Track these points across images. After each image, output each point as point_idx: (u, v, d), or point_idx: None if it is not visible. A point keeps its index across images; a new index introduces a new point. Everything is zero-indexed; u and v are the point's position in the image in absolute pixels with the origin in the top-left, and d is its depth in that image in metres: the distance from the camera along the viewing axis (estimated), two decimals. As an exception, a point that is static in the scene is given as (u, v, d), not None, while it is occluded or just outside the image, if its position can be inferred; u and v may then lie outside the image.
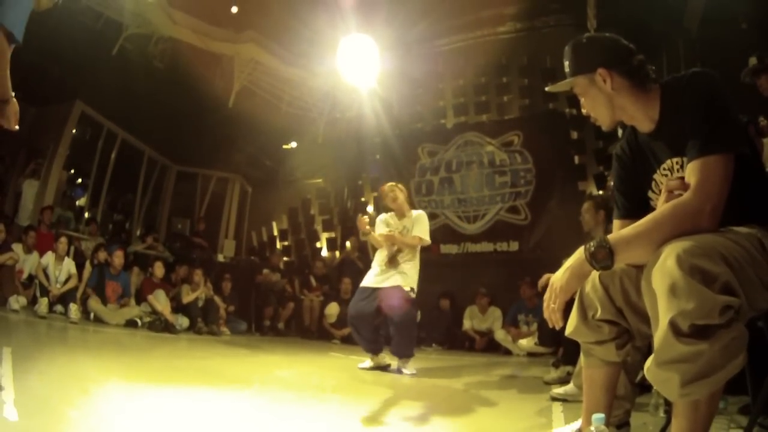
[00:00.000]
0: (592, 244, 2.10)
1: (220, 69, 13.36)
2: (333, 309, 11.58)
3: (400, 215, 6.85)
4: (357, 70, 11.57)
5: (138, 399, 3.51)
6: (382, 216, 7.02)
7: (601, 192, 10.41)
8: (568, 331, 2.45)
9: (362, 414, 3.78)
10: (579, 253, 2.17)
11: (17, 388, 3.08)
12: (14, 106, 3.08)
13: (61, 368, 4.33)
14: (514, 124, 13.00)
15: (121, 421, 2.88)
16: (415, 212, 6.89)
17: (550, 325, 2.30)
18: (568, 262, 2.22)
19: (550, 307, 2.26)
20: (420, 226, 6.70)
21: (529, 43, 12.74)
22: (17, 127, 3.10)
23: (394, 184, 6.96)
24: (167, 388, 4.06)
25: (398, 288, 6.40)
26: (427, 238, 6.67)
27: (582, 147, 12.05)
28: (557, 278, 2.25)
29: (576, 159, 12.19)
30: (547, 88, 2.67)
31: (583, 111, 2.52)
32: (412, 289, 6.51)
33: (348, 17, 11.00)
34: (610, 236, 2.10)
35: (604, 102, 2.39)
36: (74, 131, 12.71)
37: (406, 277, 6.53)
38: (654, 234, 2.01)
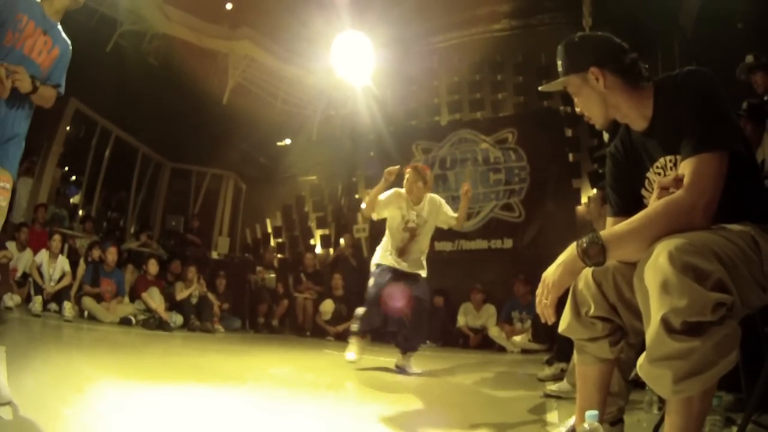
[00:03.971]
0: (584, 240, 2.10)
1: (214, 66, 13.34)
2: (328, 306, 11.57)
3: (416, 201, 6.24)
4: (351, 67, 11.60)
5: (132, 397, 3.51)
6: (394, 190, 6.25)
7: (595, 190, 10.46)
8: (561, 328, 2.45)
9: (357, 410, 3.80)
10: (571, 249, 2.17)
11: (12, 386, 3.07)
12: None
13: (56, 366, 4.34)
14: (509, 121, 13.01)
15: (115, 418, 2.88)
16: (431, 197, 6.34)
17: (543, 321, 2.29)
18: (560, 258, 2.22)
19: (543, 302, 2.24)
20: (447, 209, 6.34)
21: (524, 41, 12.76)
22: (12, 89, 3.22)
23: (416, 167, 6.30)
24: (162, 385, 4.06)
25: (421, 277, 6.30)
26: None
27: (577, 145, 12.07)
28: (549, 274, 2.24)
29: (570, 157, 12.20)
30: (540, 88, 2.68)
31: (577, 110, 2.53)
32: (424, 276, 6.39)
33: (343, 14, 11.00)
34: (602, 232, 2.11)
35: (598, 100, 2.39)
36: (68, 129, 12.69)
37: (422, 266, 6.37)
38: (646, 231, 2.01)
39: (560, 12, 11.94)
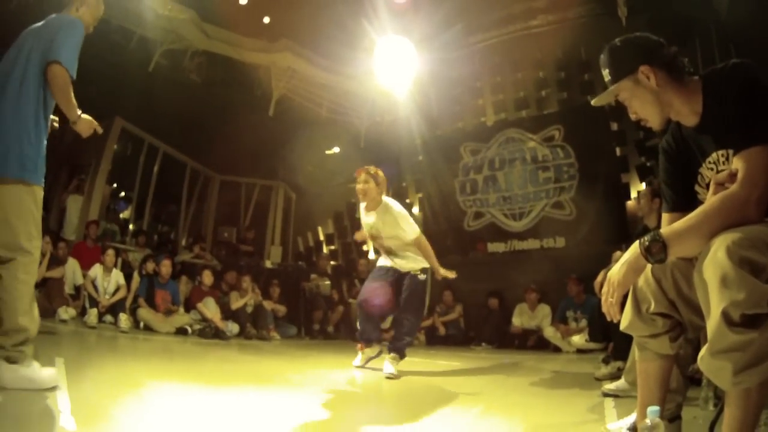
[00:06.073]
0: (646, 238, 2.16)
1: (257, 78, 13.46)
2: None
3: (372, 205, 6.21)
4: (394, 72, 11.60)
5: (191, 402, 3.60)
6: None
7: (644, 184, 10.35)
8: (622, 326, 2.48)
9: (416, 412, 3.82)
10: (634, 248, 2.22)
11: (72, 397, 3.16)
12: (83, 123, 3.84)
13: (114, 376, 4.44)
14: (554, 118, 12.91)
15: (174, 423, 2.94)
16: (384, 205, 6.14)
17: (608, 319, 2.36)
18: (624, 257, 2.28)
19: (608, 301, 2.31)
20: (404, 222, 6.04)
21: (563, 36, 12.59)
22: (99, 130, 4.05)
23: (368, 170, 6.22)
24: (219, 390, 4.16)
25: (413, 275, 6.15)
26: (417, 230, 6.09)
27: (623, 138, 11.89)
28: (614, 273, 2.30)
29: (618, 151, 12.04)
30: (593, 102, 2.66)
31: (632, 117, 2.53)
32: (422, 270, 6.19)
33: (382, 18, 11.02)
34: (662, 230, 2.16)
35: (652, 100, 2.41)
36: (115, 147, 12.94)
37: (417, 260, 6.20)
38: (705, 226, 2.06)
39: (595, 3, 11.78)
